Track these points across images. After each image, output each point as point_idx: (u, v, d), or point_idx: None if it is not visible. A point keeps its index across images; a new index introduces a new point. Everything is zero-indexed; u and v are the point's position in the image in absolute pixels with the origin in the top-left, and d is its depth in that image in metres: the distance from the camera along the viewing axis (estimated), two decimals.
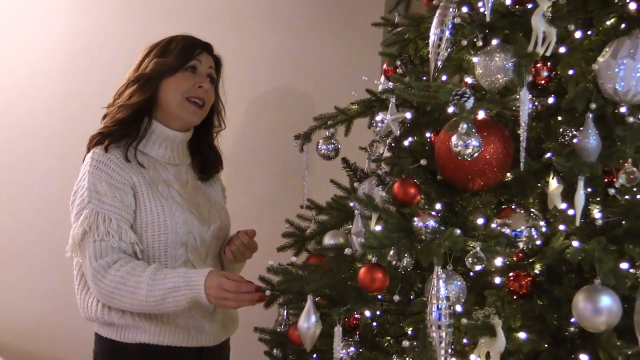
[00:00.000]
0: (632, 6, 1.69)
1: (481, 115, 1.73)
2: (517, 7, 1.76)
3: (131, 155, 2.08)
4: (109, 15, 3.32)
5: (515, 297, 1.72)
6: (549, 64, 1.75)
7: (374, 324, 1.98)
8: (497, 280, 1.77)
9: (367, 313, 1.94)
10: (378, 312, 1.95)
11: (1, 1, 3.56)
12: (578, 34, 1.75)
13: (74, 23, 3.40)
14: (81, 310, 2.12)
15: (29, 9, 3.51)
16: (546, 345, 1.69)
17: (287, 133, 2.23)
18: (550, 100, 1.78)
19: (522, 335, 1.67)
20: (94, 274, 1.98)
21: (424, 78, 2.03)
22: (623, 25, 1.74)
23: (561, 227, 1.74)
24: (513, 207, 1.78)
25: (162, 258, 2.06)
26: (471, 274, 1.79)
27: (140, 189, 2.06)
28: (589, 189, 1.71)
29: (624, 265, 1.64)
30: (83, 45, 3.37)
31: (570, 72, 1.75)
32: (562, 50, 1.75)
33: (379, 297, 1.85)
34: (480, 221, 1.76)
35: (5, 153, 3.54)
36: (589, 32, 1.77)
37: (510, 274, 1.73)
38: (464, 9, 1.82)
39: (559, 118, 1.79)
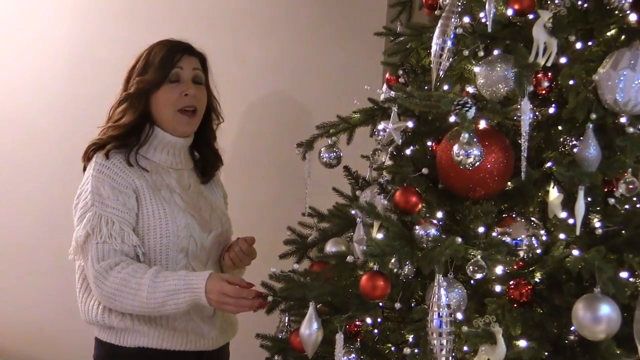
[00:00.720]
0: (633, 18, 1.70)
1: (482, 124, 1.74)
2: (518, 17, 1.76)
3: (133, 159, 2.10)
4: (112, 21, 3.33)
5: (515, 305, 1.72)
6: (549, 74, 1.76)
7: (375, 331, 1.98)
8: (498, 288, 1.78)
9: (369, 320, 1.94)
10: (379, 320, 1.95)
11: (4, 6, 3.58)
12: (579, 45, 1.76)
13: (77, 28, 3.42)
14: (82, 314, 2.14)
15: (32, 15, 3.52)
16: (546, 354, 1.70)
17: (290, 141, 2.24)
18: (551, 110, 1.80)
19: (522, 343, 1.67)
20: (96, 275, 1.99)
21: (426, 87, 2.04)
22: (623, 37, 1.75)
23: (561, 236, 1.74)
24: (514, 215, 1.79)
25: (163, 261, 2.08)
26: (472, 282, 1.79)
27: (143, 192, 2.08)
28: (589, 199, 1.72)
29: (623, 274, 1.65)
30: (86, 50, 3.38)
31: (571, 82, 1.76)
32: (562, 60, 1.76)
33: (381, 304, 1.85)
34: (481, 230, 1.77)
35: (8, 157, 3.55)
36: (590, 43, 1.78)
37: (511, 282, 1.74)
38: (466, 19, 1.83)
39: (560, 128, 1.80)
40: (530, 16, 1.73)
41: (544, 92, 1.78)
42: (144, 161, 2.13)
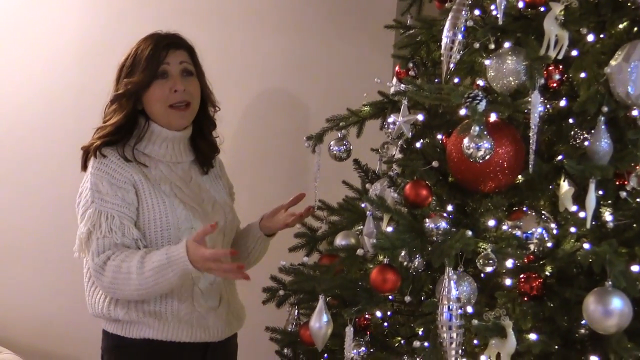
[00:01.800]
0: None
1: (493, 117, 1.73)
2: (529, 10, 1.76)
3: (130, 155, 2.11)
4: (122, 12, 3.33)
5: (525, 298, 1.72)
6: (561, 67, 1.76)
7: (385, 324, 1.99)
8: (508, 281, 1.77)
9: (378, 313, 1.95)
10: (389, 313, 1.96)
11: None
12: (590, 38, 1.75)
13: (88, 19, 3.41)
14: (89, 307, 2.16)
15: (42, 7, 3.52)
16: (556, 347, 1.70)
17: (299, 134, 2.24)
18: (562, 103, 1.79)
19: (532, 336, 1.67)
20: (96, 268, 2.02)
21: (436, 80, 2.04)
22: (635, 29, 1.74)
23: (572, 229, 1.74)
24: (524, 209, 1.78)
25: None
26: (482, 275, 1.79)
27: (142, 186, 2.09)
28: (600, 192, 1.71)
29: (634, 268, 1.64)
30: (97, 41, 3.37)
31: (582, 75, 1.75)
32: (574, 53, 1.75)
33: (390, 297, 1.86)
34: (491, 223, 1.77)
35: (17, 151, 3.56)
36: (601, 36, 1.78)
37: (521, 275, 1.73)
38: (477, 12, 1.83)
39: (571, 121, 1.80)
40: (542, 9, 1.73)
41: (555, 85, 1.77)
42: (143, 157, 2.14)
